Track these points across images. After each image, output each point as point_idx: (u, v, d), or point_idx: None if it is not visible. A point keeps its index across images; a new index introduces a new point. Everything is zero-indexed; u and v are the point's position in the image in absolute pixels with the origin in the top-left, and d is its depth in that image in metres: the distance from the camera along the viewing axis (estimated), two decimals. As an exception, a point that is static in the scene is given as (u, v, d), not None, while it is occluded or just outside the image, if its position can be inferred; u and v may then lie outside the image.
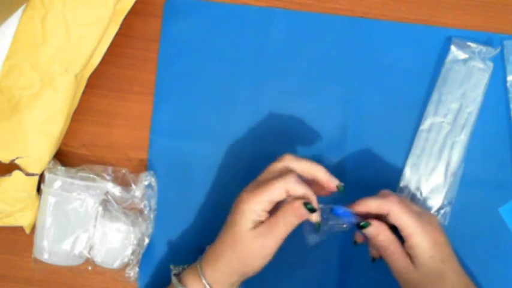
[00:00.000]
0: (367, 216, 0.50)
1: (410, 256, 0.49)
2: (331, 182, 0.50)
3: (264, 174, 0.51)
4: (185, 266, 0.53)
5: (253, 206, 0.48)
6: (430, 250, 0.48)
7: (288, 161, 0.50)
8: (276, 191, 0.48)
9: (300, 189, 0.48)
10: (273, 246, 0.48)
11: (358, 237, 0.54)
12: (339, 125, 0.60)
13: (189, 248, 0.58)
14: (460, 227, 0.58)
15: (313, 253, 0.58)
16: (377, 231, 0.50)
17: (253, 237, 0.48)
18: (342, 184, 0.50)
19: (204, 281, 0.49)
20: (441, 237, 0.49)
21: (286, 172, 0.49)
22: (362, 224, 0.50)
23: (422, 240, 0.48)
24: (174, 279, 0.51)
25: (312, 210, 0.48)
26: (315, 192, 0.49)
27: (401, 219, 0.49)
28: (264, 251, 0.48)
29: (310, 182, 0.50)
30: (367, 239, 0.52)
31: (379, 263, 0.57)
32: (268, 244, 0.48)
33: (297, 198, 0.48)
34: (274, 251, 0.49)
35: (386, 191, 0.51)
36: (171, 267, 0.54)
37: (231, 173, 0.59)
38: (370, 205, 0.50)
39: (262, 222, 0.49)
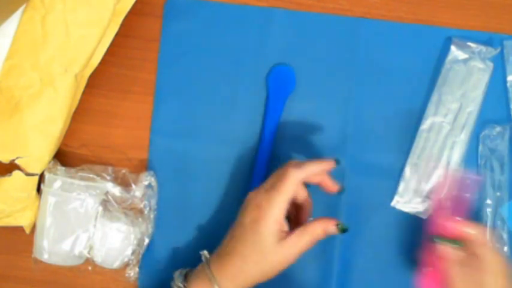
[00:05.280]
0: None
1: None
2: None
3: (270, 180, 0.50)
4: (186, 270, 0.53)
5: (274, 211, 0.48)
6: None
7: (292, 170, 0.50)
8: (291, 187, 0.48)
9: (311, 172, 0.49)
10: (296, 255, 0.49)
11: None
12: (338, 125, 0.60)
13: (189, 248, 0.58)
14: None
15: (313, 251, 0.58)
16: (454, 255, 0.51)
17: (278, 250, 0.48)
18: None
19: None
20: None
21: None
22: (453, 244, 0.51)
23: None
24: None
25: (344, 230, 0.49)
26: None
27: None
28: (287, 261, 0.49)
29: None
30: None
31: (379, 263, 0.57)
32: (292, 254, 0.49)
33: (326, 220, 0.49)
34: (295, 259, 0.49)
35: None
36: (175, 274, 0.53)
37: (231, 173, 0.59)
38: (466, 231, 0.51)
39: (284, 233, 0.49)
